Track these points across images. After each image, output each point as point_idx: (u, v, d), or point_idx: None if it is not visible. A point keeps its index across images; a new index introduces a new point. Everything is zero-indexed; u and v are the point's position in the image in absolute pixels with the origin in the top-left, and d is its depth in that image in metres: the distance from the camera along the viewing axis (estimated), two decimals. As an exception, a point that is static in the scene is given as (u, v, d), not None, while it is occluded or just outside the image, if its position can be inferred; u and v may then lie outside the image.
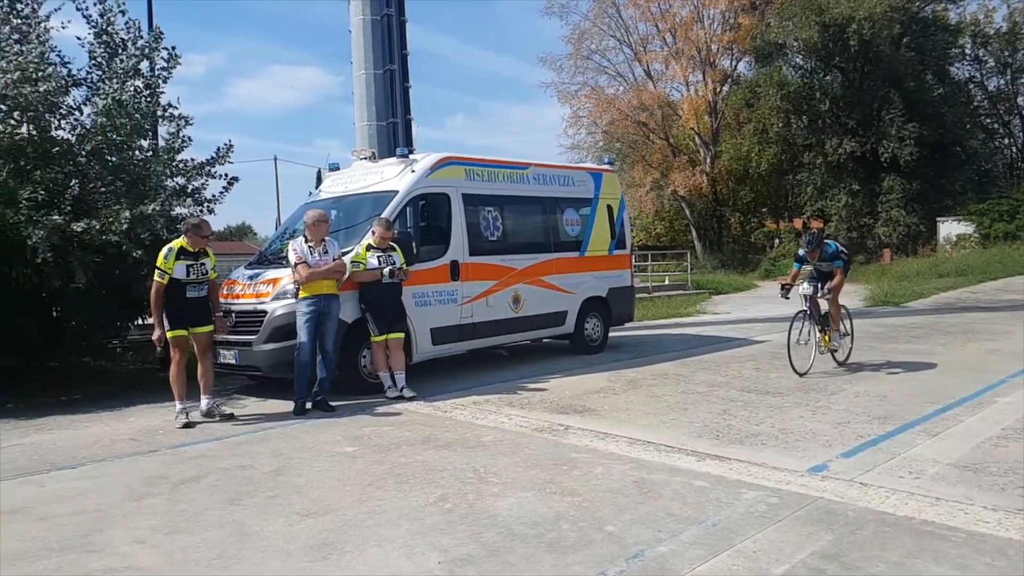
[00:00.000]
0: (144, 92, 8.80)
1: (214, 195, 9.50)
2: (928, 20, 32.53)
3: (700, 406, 6.73)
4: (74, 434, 6.39)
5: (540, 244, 9.78)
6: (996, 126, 37.49)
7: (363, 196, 8.69)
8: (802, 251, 8.35)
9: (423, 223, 8.44)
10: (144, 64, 8.90)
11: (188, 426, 6.48)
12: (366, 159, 9.31)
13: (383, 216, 7.72)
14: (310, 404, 6.98)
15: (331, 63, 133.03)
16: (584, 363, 9.44)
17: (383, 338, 7.46)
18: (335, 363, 7.17)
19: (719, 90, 35.65)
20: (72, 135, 8.57)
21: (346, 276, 7.26)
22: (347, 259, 7.36)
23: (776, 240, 35.25)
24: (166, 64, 9.06)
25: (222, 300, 7.39)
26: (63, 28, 8.60)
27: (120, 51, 8.75)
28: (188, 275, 6.60)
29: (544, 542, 3.68)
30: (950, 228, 30.01)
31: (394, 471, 4.93)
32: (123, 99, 8.34)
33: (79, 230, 7.46)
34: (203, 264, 6.73)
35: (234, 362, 7.64)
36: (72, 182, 7.77)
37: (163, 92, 9.09)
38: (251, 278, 8.05)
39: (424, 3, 50.52)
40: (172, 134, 9.14)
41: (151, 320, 7.72)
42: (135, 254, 7.80)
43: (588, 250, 10.38)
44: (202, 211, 9.23)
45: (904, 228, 30.08)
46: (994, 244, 27.48)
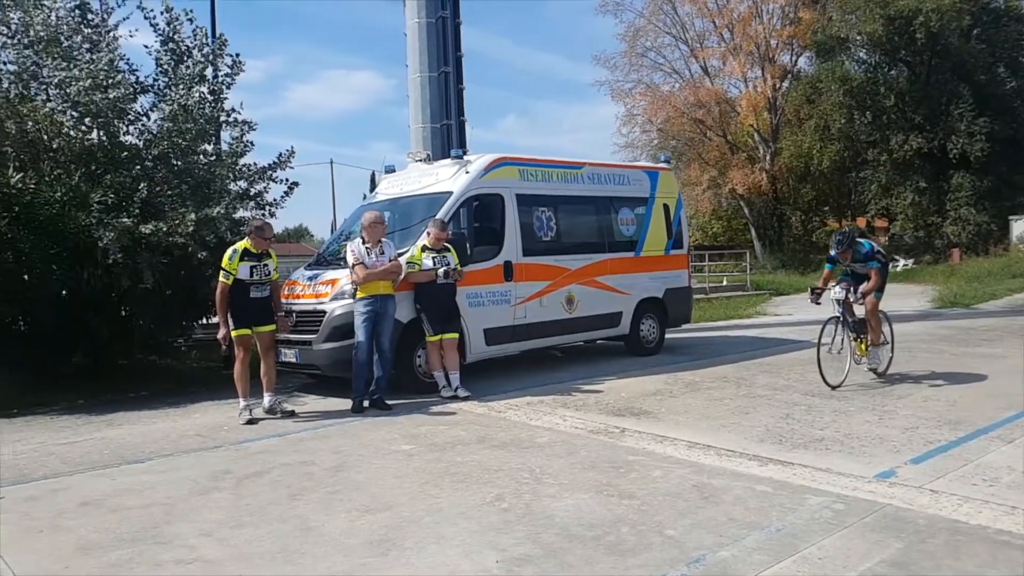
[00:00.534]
0: (208, 98, 9.07)
1: (275, 199, 9.74)
2: (1000, 10, 31.12)
3: (762, 410, 6.58)
4: (143, 429, 6.61)
5: (594, 244, 9.70)
6: (1074, 120, 35.64)
7: (418, 198, 8.78)
8: (833, 251, 7.72)
9: (477, 224, 8.48)
10: (209, 70, 9.16)
11: (251, 422, 6.65)
12: (421, 161, 9.41)
13: (437, 217, 7.78)
14: (367, 402, 7.08)
15: (385, 66, 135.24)
16: (640, 365, 9.33)
17: (437, 338, 7.52)
18: (391, 362, 7.25)
19: (779, 86, 34.78)
20: (140, 140, 8.89)
21: (402, 277, 7.34)
22: (403, 260, 7.44)
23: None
24: (230, 70, 9.30)
25: (283, 300, 7.54)
26: (131, 37, 8.95)
27: (185, 58, 9.02)
28: (252, 276, 6.77)
29: (602, 544, 3.65)
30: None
31: (450, 470, 4.96)
32: (188, 105, 8.60)
33: (147, 232, 7.70)
34: (266, 265, 6.89)
35: (295, 360, 7.80)
36: (140, 185, 8.04)
37: (227, 98, 9.36)
38: (311, 279, 8.21)
39: (477, 4, 50.82)
40: (236, 139, 9.38)
41: (215, 319, 7.96)
42: (200, 255, 8.04)
43: (644, 250, 10.25)
44: (264, 214, 9.45)
45: (974, 227, 28.84)
46: (1072, 243, 26.14)
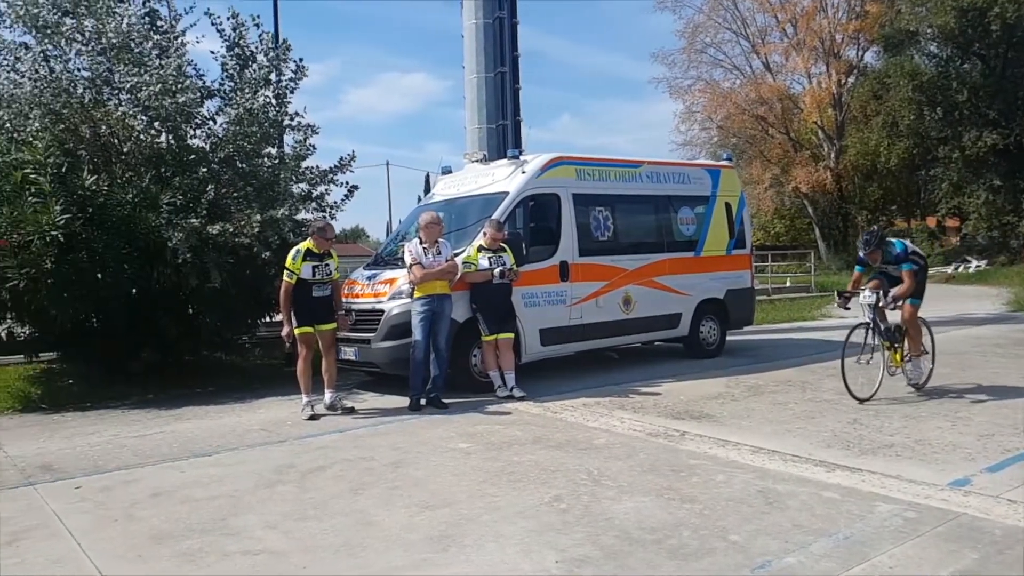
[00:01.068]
0: (272, 102, 9.27)
1: (335, 201, 9.89)
2: (1081, -1, 29.56)
3: (828, 414, 6.37)
4: (209, 424, 6.81)
5: (653, 244, 9.57)
6: None
7: (474, 198, 8.82)
8: (861, 252, 7.17)
9: (533, 224, 8.45)
10: (273, 75, 9.35)
11: (313, 418, 6.77)
12: (477, 162, 9.45)
13: (493, 218, 7.79)
14: (424, 401, 7.14)
15: (439, 68, 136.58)
16: (699, 367, 9.16)
17: (493, 338, 7.53)
18: (447, 361, 7.30)
19: (844, 82, 33.78)
20: (206, 143, 9.15)
21: (458, 276, 7.38)
22: (459, 260, 7.48)
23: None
24: (293, 75, 9.49)
25: (343, 299, 7.66)
26: (197, 43, 9.22)
27: (250, 63, 9.24)
28: (314, 275, 6.90)
29: (664, 548, 3.59)
30: (1107, 226, 27.18)
31: (507, 469, 4.96)
32: (253, 109, 8.82)
33: (214, 233, 7.93)
34: (327, 265, 7.02)
35: (354, 358, 7.92)
36: (208, 187, 8.29)
37: (290, 102, 9.56)
38: (369, 278, 8.33)
39: (533, 4, 50.80)
40: (299, 142, 9.57)
41: (278, 318, 8.15)
42: (264, 256, 8.24)
43: (704, 250, 10.06)
44: (325, 216, 9.61)
45: (1053, 227, 27.50)
46: None
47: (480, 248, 7.56)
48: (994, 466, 4.71)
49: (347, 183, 9.89)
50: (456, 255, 7.48)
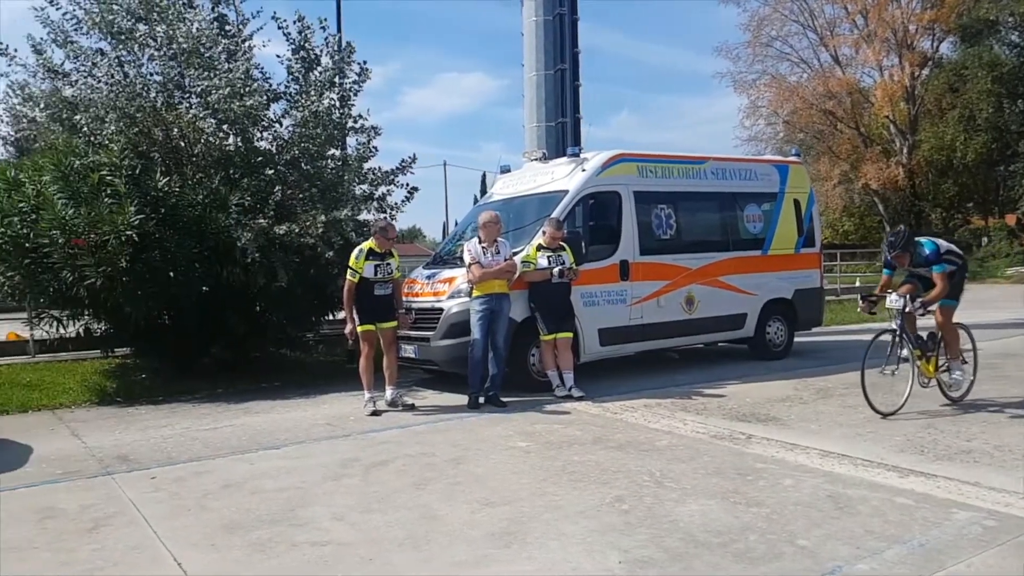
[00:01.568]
0: (337, 104, 9.42)
1: (396, 203, 9.98)
2: None
3: (901, 418, 6.13)
4: (276, 418, 6.98)
5: (717, 242, 9.38)
6: None
7: (533, 197, 8.80)
8: (887, 255, 6.67)
9: (592, 222, 8.37)
10: (337, 77, 9.46)
11: (375, 414, 6.88)
12: (537, 160, 9.42)
13: (553, 216, 7.76)
14: (483, 399, 7.16)
15: (496, 68, 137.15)
16: (765, 369, 8.93)
17: (552, 337, 7.50)
18: (505, 360, 7.30)
19: (917, 74, 32.43)
20: (272, 145, 9.37)
21: (516, 275, 7.38)
22: (518, 259, 7.48)
23: (984, 239, 31.58)
24: (357, 77, 9.58)
25: (403, 298, 7.76)
26: (263, 47, 9.44)
27: (315, 66, 9.39)
28: (376, 274, 7.01)
29: (730, 552, 3.52)
30: None
31: (567, 469, 4.93)
32: (319, 111, 8.98)
33: (280, 233, 8.11)
34: (389, 264, 7.12)
35: (414, 356, 8.00)
36: (275, 188, 8.50)
37: (354, 104, 9.67)
38: (428, 277, 8.41)
39: (592, 0, 50.45)
40: (362, 144, 9.69)
41: (341, 315, 8.30)
42: (327, 255, 8.39)
43: (772, 248, 9.80)
44: (386, 216, 9.73)
45: None
46: None
47: (539, 247, 7.54)
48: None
49: (407, 184, 10.00)
50: (515, 254, 7.48)
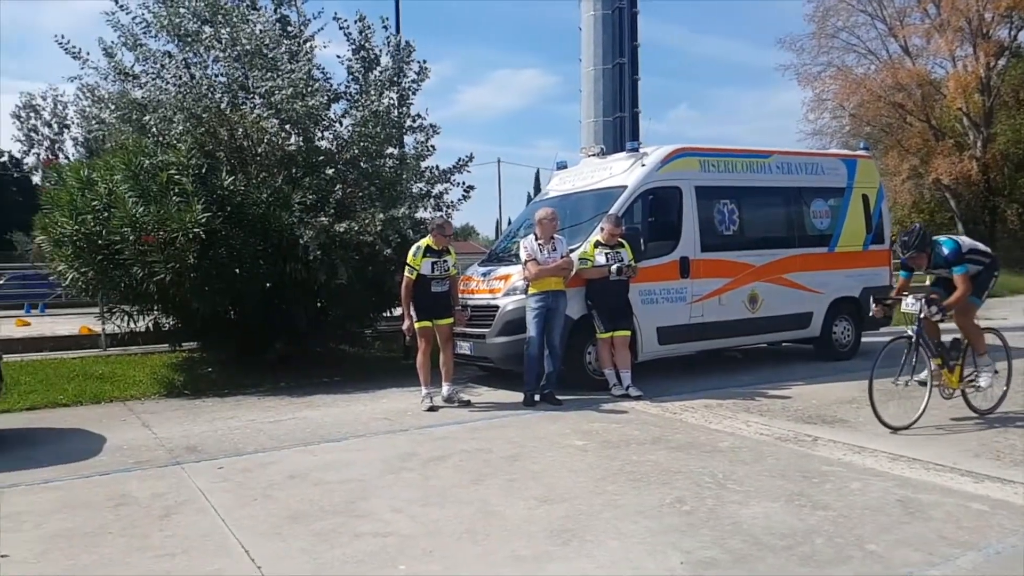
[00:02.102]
0: (395, 103, 9.51)
1: (452, 201, 10.02)
2: None
3: (974, 422, 5.89)
4: (337, 412, 7.10)
5: (782, 239, 9.13)
6: None
7: (590, 193, 8.72)
8: (902, 256, 6.09)
9: (652, 218, 8.25)
10: (397, 76, 9.53)
11: (432, 410, 6.93)
12: (595, 155, 9.34)
13: (611, 212, 7.68)
14: (538, 396, 7.14)
15: (551, 63, 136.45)
16: (832, 370, 8.65)
17: (609, 335, 7.42)
18: (561, 358, 7.26)
19: (993, 64, 30.86)
20: (332, 145, 9.52)
21: (572, 273, 7.33)
22: (575, 256, 7.43)
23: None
24: (416, 76, 9.64)
25: (459, 295, 7.79)
26: (324, 47, 9.59)
27: (374, 66, 9.48)
28: (433, 271, 7.06)
29: (796, 555, 3.42)
30: None
31: (626, 468, 4.88)
32: (379, 110, 9.08)
33: (341, 230, 8.24)
34: (445, 261, 7.16)
35: (469, 353, 8.03)
36: (336, 187, 8.64)
37: (412, 103, 9.75)
38: (484, 275, 8.42)
39: (650, -7, 49.60)
40: (421, 143, 9.74)
41: (398, 312, 8.39)
42: (385, 252, 8.49)
43: (839, 245, 9.50)
44: (443, 214, 9.77)
45: None
46: None
47: (597, 244, 7.47)
48: None
49: (463, 183, 10.04)
50: (571, 251, 7.43)
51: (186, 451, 5.66)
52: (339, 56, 9.62)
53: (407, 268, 7.08)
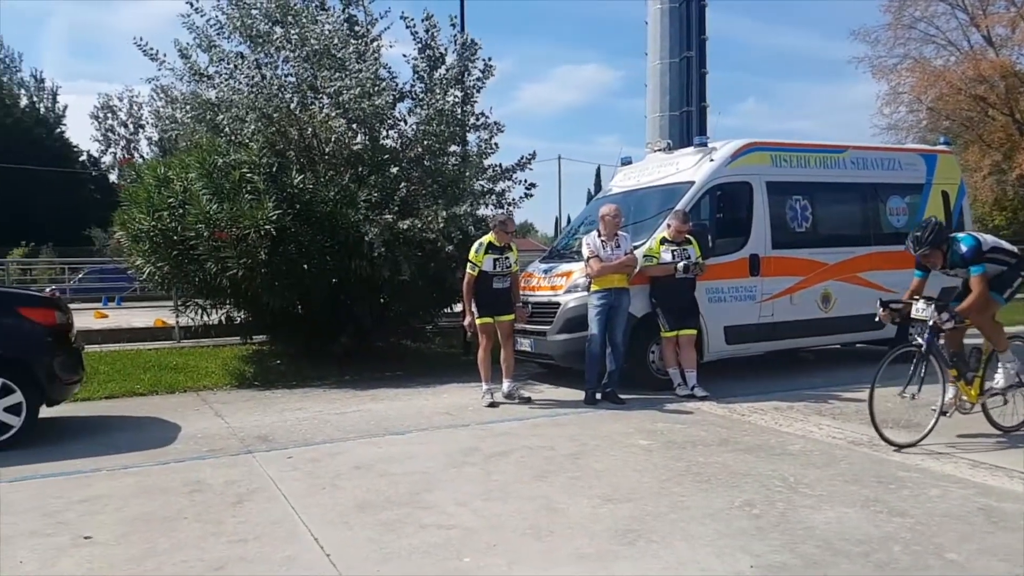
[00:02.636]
0: (459, 102, 9.54)
1: (513, 199, 10.01)
2: None
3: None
4: (399, 405, 7.20)
5: (857, 236, 8.83)
6: None
7: (655, 189, 8.58)
8: (913, 251, 5.45)
9: (720, 215, 8.10)
10: (462, 74, 9.55)
11: (493, 405, 6.95)
12: (660, 151, 9.21)
13: (678, 209, 7.56)
14: (600, 395, 7.08)
15: (614, 58, 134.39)
16: (907, 373, 8.30)
17: (674, 334, 7.30)
18: (624, 356, 7.18)
19: (1084, 55, 29.23)
20: (397, 143, 9.64)
21: (637, 270, 7.24)
22: (639, 253, 7.33)
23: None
24: (481, 74, 9.66)
25: (520, 291, 7.79)
26: (390, 47, 9.67)
27: (439, 64, 9.53)
28: (495, 268, 7.07)
29: (871, 562, 3.31)
30: None
31: (692, 469, 4.79)
32: (444, 109, 9.14)
33: (404, 228, 8.34)
34: (507, 258, 7.17)
35: (530, 349, 8.02)
36: (400, 185, 8.76)
37: (476, 101, 9.77)
38: (546, 272, 8.40)
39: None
40: (484, 140, 9.76)
41: (459, 308, 8.43)
42: (447, 249, 8.55)
43: None
44: (505, 211, 9.76)
45: None
46: None
47: (663, 240, 7.36)
48: None
49: (525, 180, 10.04)
50: (636, 248, 7.34)
51: (257, 440, 5.82)
52: (405, 55, 9.74)
53: (469, 264, 7.11)
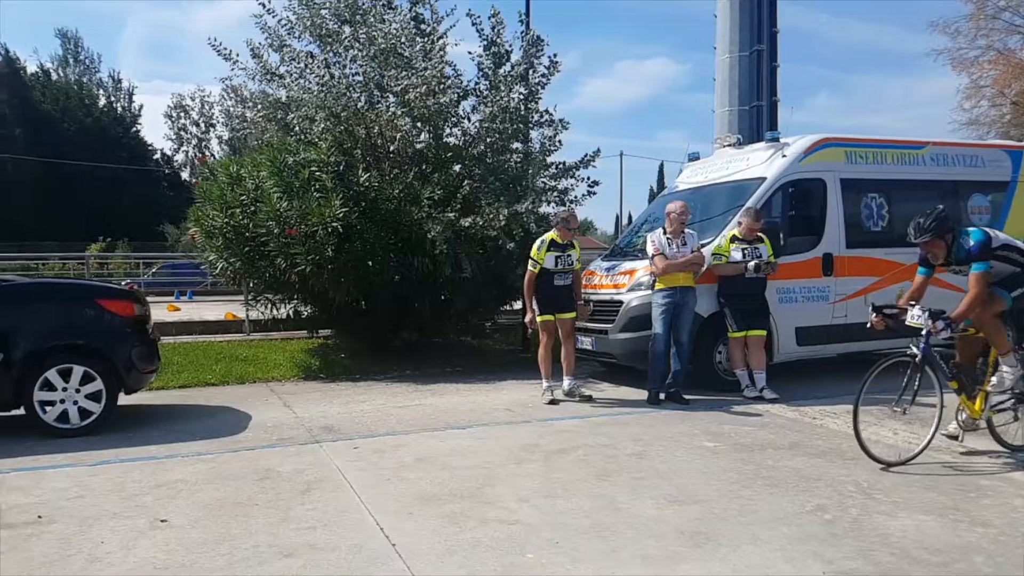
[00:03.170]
0: (524, 99, 9.47)
1: (576, 197, 9.89)
2: None
3: None
4: (459, 400, 7.25)
5: None
6: None
7: (724, 185, 8.40)
8: (914, 239, 4.98)
9: (792, 212, 7.86)
10: (527, 71, 9.47)
11: (553, 403, 6.92)
12: (730, 146, 9.00)
13: (750, 206, 7.36)
14: (663, 395, 6.97)
15: (678, 52, 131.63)
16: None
17: (742, 335, 7.13)
18: (689, 356, 7.05)
19: None
20: (460, 141, 9.68)
21: (704, 268, 7.10)
22: (707, 251, 7.19)
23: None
24: (547, 70, 9.57)
25: (582, 289, 7.72)
26: (456, 45, 9.68)
27: (504, 61, 9.50)
28: (556, 265, 7.03)
29: (951, 572, 3.21)
30: None
31: (761, 473, 4.66)
32: (507, 106, 9.11)
33: (466, 225, 8.38)
34: (569, 255, 7.12)
35: (590, 348, 7.94)
36: (464, 183, 8.80)
37: (541, 97, 9.67)
38: (608, 269, 8.32)
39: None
40: (549, 138, 9.65)
41: (518, 306, 8.41)
42: (509, 247, 8.56)
43: None
44: (569, 207, 9.66)
45: None
46: None
47: (733, 238, 7.19)
48: None
49: (588, 177, 9.93)
50: (703, 246, 7.20)
51: (323, 431, 5.93)
52: (470, 52, 9.72)
53: (530, 262, 7.09)
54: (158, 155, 55.17)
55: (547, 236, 7.15)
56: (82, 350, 5.93)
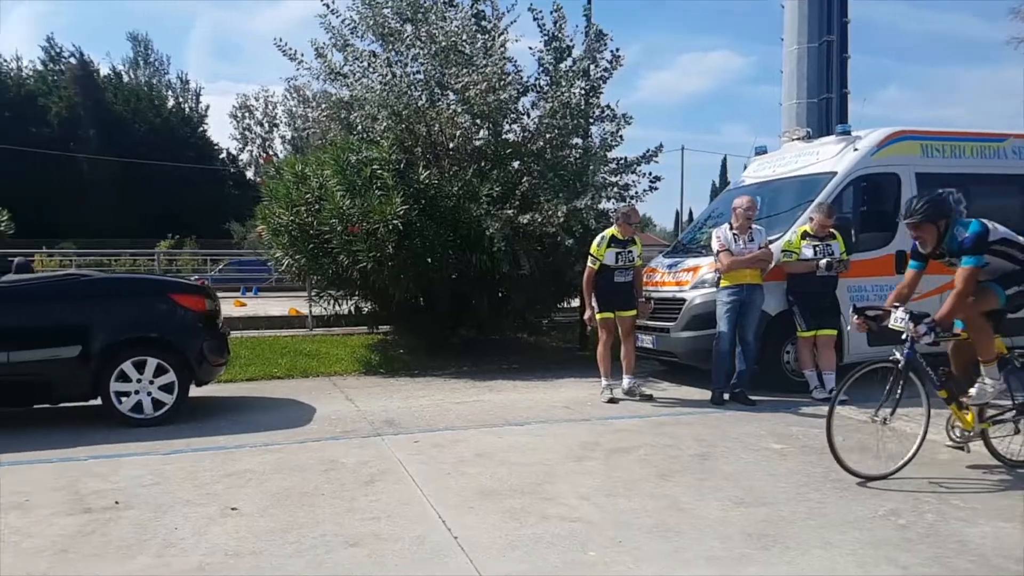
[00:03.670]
0: (585, 94, 9.38)
1: (636, 192, 9.74)
2: None
3: None
4: (517, 397, 7.24)
5: (1018, 232, 8.03)
6: None
7: (793, 180, 8.16)
8: (904, 221, 4.54)
9: (864, 207, 7.61)
10: (590, 66, 9.39)
11: (612, 401, 6.85)
12: (799, 139, 8.74)
13: (821, 201, 7.13)
14: (728, 395, 6.82)
15: (742, 44, 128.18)
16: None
17: (811, 334, 6.90)
18: (755, 356, 6.88)
19: None
20: (519, 137, 9.65)
21: (772, 265, 6.91)
22: (775, 247, 7.00)
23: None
24: (609, 65, 9.44)
25: (643, 287, 7.61)
26: (516, 41, 9.61)
27: (566, 55, 9.41)
28: (616, 262, 6.94)
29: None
30: None
31: (831, 476, 4.50)
32: (569, 102, 9.05)
33: (524, 222, 8.36)
34: (630, 252, 7.02)
35: (651, 346, 7.83)
36: (523, 179, 8.78)
37: (602, 92, 9.56)
38: (670, 267, 8.18)
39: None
40: (611, 133, 9.54)
41: (575, 303, 8.32)
42: (567, 243, 8.49)
43: None
44: (630, 202, 9.52)
45: None
46: None
47: (804, 235, 6.98)
48: None
49: (649, 173, 9.78)
50: (771, 242, 7.01)
51: (385, 424, 6.02)
52: (530, 48, 9.61)
53: (590, 258, 7.02)
54: (224, 154, 56.81)
55: (607, 232, 7.07)
56: (156, 343, 6.15)
